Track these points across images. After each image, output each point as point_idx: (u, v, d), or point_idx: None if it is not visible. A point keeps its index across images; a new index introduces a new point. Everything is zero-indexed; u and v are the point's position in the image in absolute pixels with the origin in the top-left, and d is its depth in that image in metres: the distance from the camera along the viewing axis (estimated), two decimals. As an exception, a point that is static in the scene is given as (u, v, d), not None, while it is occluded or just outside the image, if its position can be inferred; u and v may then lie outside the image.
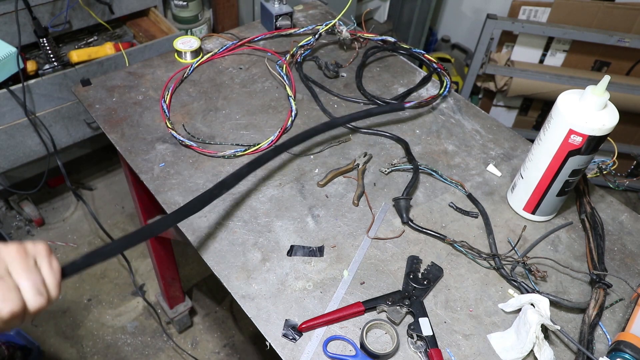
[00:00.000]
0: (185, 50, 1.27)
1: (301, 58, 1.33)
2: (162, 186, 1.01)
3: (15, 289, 0.56)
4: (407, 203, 0.98)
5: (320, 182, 1.03)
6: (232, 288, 0.86)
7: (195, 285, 2.12)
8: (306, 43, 1.33)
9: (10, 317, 0.55)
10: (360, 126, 1.17)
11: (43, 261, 0.60)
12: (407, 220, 0.97)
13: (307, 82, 1.26)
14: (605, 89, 0.83)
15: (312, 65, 1.33)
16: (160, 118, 1.14)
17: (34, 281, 0.58)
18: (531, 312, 0.80)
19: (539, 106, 2.60)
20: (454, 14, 3.02)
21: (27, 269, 0.58)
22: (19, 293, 0.56)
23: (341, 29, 1.33)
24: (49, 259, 0.61)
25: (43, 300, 0.58)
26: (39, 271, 0.59)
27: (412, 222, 0.97)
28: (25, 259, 0.58)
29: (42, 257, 0.60)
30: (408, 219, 0.97)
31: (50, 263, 0.61)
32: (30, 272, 0.58)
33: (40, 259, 0.60)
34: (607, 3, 2.22)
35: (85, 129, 1.92)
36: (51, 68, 1.77)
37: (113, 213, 2.33)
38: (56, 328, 1.93)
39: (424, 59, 1.37)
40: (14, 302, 0.55)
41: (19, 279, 0.57)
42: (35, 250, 0.60)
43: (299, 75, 1.29)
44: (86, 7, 1.82)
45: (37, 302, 0.57)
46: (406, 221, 0.97)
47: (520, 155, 1.14)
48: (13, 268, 0.57)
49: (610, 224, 1.03)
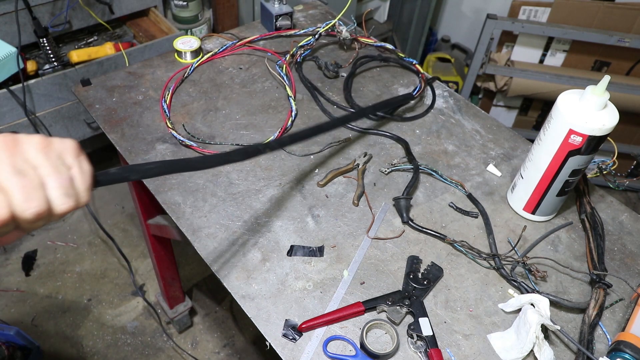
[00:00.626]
0: (186, 50, 1.27)
1: (301, 58, 1.32)
2: (162, 186, 1.01)
3: (40, 186, 0.48)
4: (407, 203, 0.98)
5: (320, 182, 1.03)
6: (232, 288, 0.86)
7: (195, 285, 2.12)
8: (306, 43, 1.33)
9: (35, 218, 0.48)
10: (360, 126, 1.17)
11: (72, 160, 0.52)
12: (407, 219, 0.97)
13: (306, 83, 1.26)
14: (605, 89, 0.83)
15: (312, 65, 1.33)
16: (160, 118, 1.14)
17: (61, 180, 0.50)
18: (531, 312, 0.80)
19: (539, 106, 2.60)
20: (454, 14, 3.02)
21: (54, 166, 0.49)
22: (44, 191, 0.49)
23: (341, 29, 1.33)
24: (79, 158, 0.53)
25: (72, 203, 0.51)
26: (67, 170, 0.51)
27: (412, 221, 0.97)
28: (52, 153, 0.50)
29: (70, 155, 0.52)
30: (408, 219, 0.97)
31: (80, 163, 0.53)
32: (58, 170, 0.50)
33: (69, 157, 0.52)
34: (607, 3, 2.22)
35: (85, 129, 1.92)
36: (51, 68, 1.77)
37: (113, 213, 2.33)
38: (56, 328, 1.93)
39: (413, 69, 1.35)
40: (39, 202, 0.48)
41: (45, 176, 0.49)
42: (62, 147, 0.51)
43: (299, 76, 1.29)
44: (86, 7, 1.82)
45: (64, 204, 0.50)
46: (406, 221, 0.97)
47: (520, 155, 1.14)
48: (38, 163, 0.49)
49: (610, 224, 1.03)
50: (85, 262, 2.14)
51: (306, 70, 1.32)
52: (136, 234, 2.26)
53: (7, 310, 1.96)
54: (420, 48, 2.96)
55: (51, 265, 2.12)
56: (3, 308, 1.97)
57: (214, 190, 1.01)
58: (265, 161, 1.08)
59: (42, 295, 2.02)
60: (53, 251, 2.17)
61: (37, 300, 2.00)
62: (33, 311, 1.97)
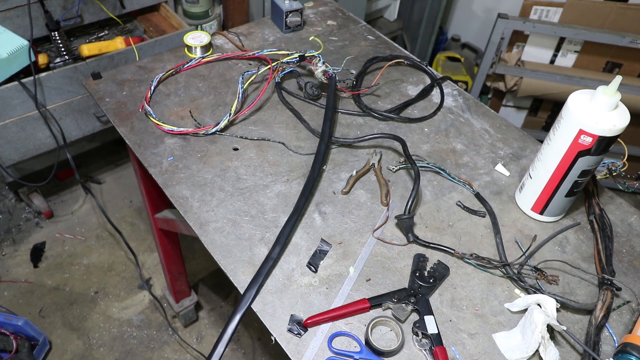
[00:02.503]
0: (196, 45, 1.28)
1: (279, 78, 1.23)
2: (170, 180, 1.02)
3: None
4: (410, 221, 0.94)
5: (344, 189, 1.02)
6: (239, 282, 0.87)
7: (201, 279, 2.13)
8: (289, 61, 1.22)
9: None
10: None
11: None
12: (413, 239, 0.94)
13: (287, 105, 1.19)
14: (617, 89, 0.83)
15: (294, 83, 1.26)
16: (170, 112, 1.15)
17: None
18: (537, 312, 0.79)
19: (549, 107, 2.58)
20: (465, 13, 3.00)
21: None
22: None
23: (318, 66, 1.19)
24: None
25: None
26: None
27: (418, 239, 0.94)
28: None
29: None
30: (414, 237, 0.94)
31: None
32: None
33: None
34: (619, 4, 2.19)
35: (95, 122, 1.93)
36: (62, 61, 1.79)
37: (121, 207, 2.34)
38: (63, 320, 1.95)
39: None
40: None
41: None
42: None
43: (278, 95, 1.22)
44: (97, 2, 1.83)
45: None
46: (412, 240, 0.94)
47: (529, 155, 1.14)
48: None
49: (619, 225, 1.02)
50: (93, 255, 2.15)
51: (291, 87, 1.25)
52: (143, 228, 2.27)
53: (15, 301, 1.98)
54: (430, 47, 2.95)
55: (59, 257, 2.14)
56: (11, 299, 1.99)
57: (221, 184, 1.01)
58: (273, 157, 1.08)
59: (50, 287, 2.04)
60: (61, 243, 2.18)
61: (45, 291, 2.02)
62: (41, 302, 1.99)
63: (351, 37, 1.44)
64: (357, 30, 1.47)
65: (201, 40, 1.29)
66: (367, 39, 1.44)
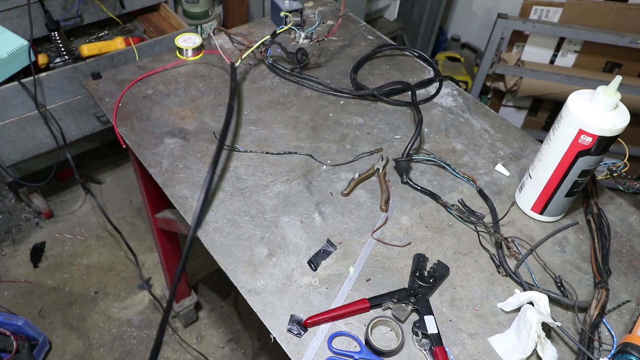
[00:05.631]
0: (187, 48, 1.27)
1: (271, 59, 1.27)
2: (170, 180, 1.02)
3: None
4: (407, 164, 1.04)
5: (344, 191, 1.02)
6: (238, 282, 0.87)
7: (201, 280, 2.13)
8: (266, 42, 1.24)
9: None
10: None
11: None
12: (406, 180, 1.03)
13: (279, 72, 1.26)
14: (617, 89, 0.83)
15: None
16: (169, 112, 1.15)
17: None
18: (530, 312, 0.79)
19: (549, 107, 2.58)
20: (465, 13, 3.01)
21: None
22: None
23: (299, 36, 1.22)
24: None
25: None
26: None
27: (411, 181, 1.03)
28: None
29: None
30: (408, 179, 1.03)
31: None
32: None
33: None
34: (619, 4, 2.19)
35: (94, 122, 1.93)
36: (62, 61, 1.79)
37: (121, 207, 2.34)
38: (63, 320, 1.95)
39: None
40: None
41: None
42: None
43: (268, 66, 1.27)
44: (97, 2, 1.83)
45: None
46: (406, 181, 1.03)
47: (529, 155, 1.14)
48: None
49: (619, 225, 1.02)
50: (93, 255, 2.15)
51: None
52: (143, 228, 2.27)
53: (15, 301, 1.98)
54: (430, 47, 2.95)
55: (59, 257, 2.14)
56: (11, 299, 1.99)
57: (221, 184, 1.01)
58: (273, 157, 1.08)
59: (50, 287, 2.04)
60: (61, 243, 2.18)
61: (45, 291, 2.02)
62: (40, 302, 1.99)
63: (351, 37, 1.44)
64: (357, 30, 1.47)
65: (194, 42, 1.28)
66: (367, 39, 1.44)
